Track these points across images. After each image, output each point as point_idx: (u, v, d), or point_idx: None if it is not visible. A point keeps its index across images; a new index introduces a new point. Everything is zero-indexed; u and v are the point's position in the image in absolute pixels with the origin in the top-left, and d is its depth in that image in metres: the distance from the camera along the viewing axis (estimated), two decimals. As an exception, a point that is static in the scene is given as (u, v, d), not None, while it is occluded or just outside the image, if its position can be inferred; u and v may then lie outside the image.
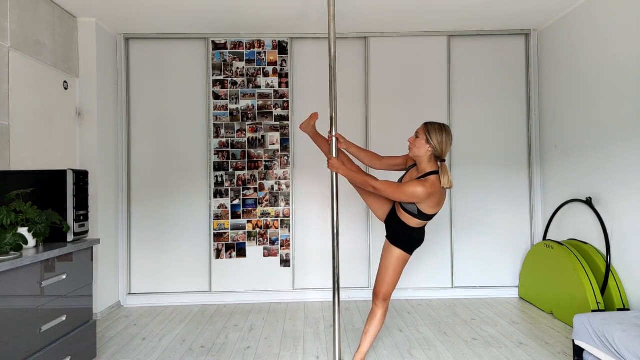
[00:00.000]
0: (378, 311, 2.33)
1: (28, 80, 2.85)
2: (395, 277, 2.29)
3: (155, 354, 2.70)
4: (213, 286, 3.83)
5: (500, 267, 3.92)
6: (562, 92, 3.56)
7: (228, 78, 3.88)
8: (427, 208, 2.15)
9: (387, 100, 3.91)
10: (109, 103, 3.67)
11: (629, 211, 2.84)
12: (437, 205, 2.16)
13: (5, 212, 2.03)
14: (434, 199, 2.13)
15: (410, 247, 2.29)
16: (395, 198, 2.15)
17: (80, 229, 2.42)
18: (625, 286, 2.88)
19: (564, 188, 3.53)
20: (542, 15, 3.58)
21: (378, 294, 2.31)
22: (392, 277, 2.28)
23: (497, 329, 3.04)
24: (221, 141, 3.86)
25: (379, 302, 2.31)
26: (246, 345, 2.82)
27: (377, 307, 2.33)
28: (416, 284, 3.90)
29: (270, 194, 3.87)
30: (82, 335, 2.39)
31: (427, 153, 2.16)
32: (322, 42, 3.91)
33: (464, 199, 3.93)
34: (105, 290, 3.53)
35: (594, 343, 2.19)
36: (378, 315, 2.33)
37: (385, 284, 2.28)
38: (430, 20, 3.64)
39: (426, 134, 2.15)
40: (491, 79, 3.97)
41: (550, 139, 3.73)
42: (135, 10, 3.32)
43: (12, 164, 2.65)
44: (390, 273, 2.28)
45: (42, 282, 2.05)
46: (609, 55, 3.01)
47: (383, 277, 2.29)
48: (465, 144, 3.94)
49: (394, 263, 2.27)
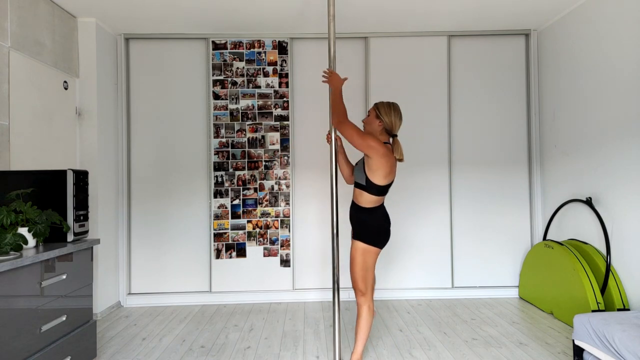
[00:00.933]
0: (360, 308, 2.37)
1: (28, 80, 2.85)
2: (361, 271, 2.32)
3: (155, 354, 2.70)
4: (213, 286, 3.83)
5: (500, 267, 3.92)
6: (562, 92, 3.56)
7: (228, 78, 3.88)
8: (377, 177, 2.25)
9: (386, 100, 3.89)
10: (109, 103, 3.67)
11: (629, 211, 2.84)
12: (387, 174, 2.26)
13: (5, 212, 2.03)
14: (385, 165, 2.23)
15: (372, 238, 2.32)
16: (354, 139, 2.22)
17: (80, 229, 2.42)
18: (625, 286, 2.88)
19: (564, 188, 3.53)
20: (542, 15, 3.58)
21: (355, 290, 2.37)
22: (358, 272, 2.32)
23: (497, 329, 3.04)
24: (221, 141, 3.86)
25: (358, 298, 2.37)
26: (246, 345, 2.82)
27: (358, 304, 2.38)
28: (416, 284, 3.90)
29: (270, 194, 3.87)
30: (82, 335, 2.39)
31: (379, 128, 2.35)
32: (322, 42, 3.91)
33: (464, 198, 3.93)
34: (105, 290, 3.53)
35: (594, 343, 2.19)
36: (362, 313, 2.36)
37: (356, 279, 2.34)
38: (430, 20, 3.64)
39: (376, 110, 2.37)
40: (491, 79, 3.97)
41: (550, 139, 3.73)
42: (135, 10, 3.32)
43: (12, 164, 2.65)
44: (356, 269, 2.32)
45: (42, 282, 2.05)
46: (609, 55, 3.01)
47: (352, 272, 2.35)
48: (465, 143, 3.94)
49: (358, 257, 2.32)
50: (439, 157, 3.92)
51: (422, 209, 3.91)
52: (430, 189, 3.91)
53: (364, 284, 2.34)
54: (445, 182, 3.91)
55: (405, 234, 3.90)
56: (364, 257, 2.33)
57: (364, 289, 2.34)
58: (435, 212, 3.91)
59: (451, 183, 3.93)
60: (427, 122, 3.92)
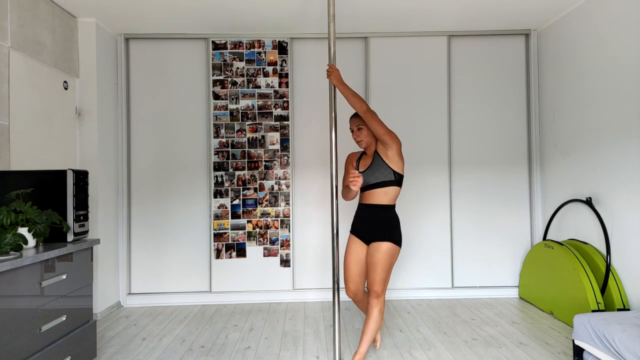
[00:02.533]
0: (372, 309, 2.34)
1: (28, 80, 2.85)
2: (385, 273, 2.33)
3: (155, 354, 2.70)
4: (213, 286, 3.83)
5: (500, 267, 3.92)
6: (562, 92, 3.56)
7: (228, 78, 3.88)
8: (401, 167, 2.39)
9: (387, 100, 3.91)
10: (108, 103, 3.67)
11: (629, 211, 2.84)
12: (403, 163, 2.42)
13: (5, 212, 2.03)
14: (402, 154, 2.40)
15: (400, 237, 2.39)
16: (381, 127, 2.31)
17: (80, 229, 2.42)
18: (625, 286, 2.88)
19: (564, 188, 3.53)
20: (542, 15, 3.58)
21: (370, 292, 2.35)
22: (382, 274, 2.32)
23: (497, 329, 3.04)
24: (221, 141, 3.86)
25: (371, 300, 2.34)
26: (246, 345, 2.82)
27: (371, 305, 2.35)
28: (416, 284, 3.90)
29: (270, 194, 3.87)
30: (82, 335, 2.39)
31: (373, 136, 2.47)
32: (322, 42, 3.91)
33: (464, 198, 3.93)
34: (105, 290, 3.53)
35: (594, 343, 2.19)
36: (373, 314, 2.34)
37: (376, 281, 2.31)
38: (430, 20, 3.64)
39: (361, 122, 2.46)
40: (491, 79, 3.97)
41: (550, 139, 3.73)
42: (135, 10, 3.32)
43: (12, 164, 2.65)
44: (381, 271, 2.31)
45: (42, 282, 2.05)
46: (609, 55, 3.01)
47: (374, 275, 2.32)
48: (465, 143, 3.94)
49: (386, 259, 2.32)
50: (439, 157, 3.92)
51: (422, 209, 3.91)
52: (430, 189, 3.91)
53: (383, 287, 2.32)
54: (445, 181, 3.91)
55: (405, 234, 3.88)
56: (392, 259, 2.32)
57: (381, 291, 2.32)
58: (435, 212, 3.91)
59: (451, 183, 3.93)
60: (427, 122, 3.92)
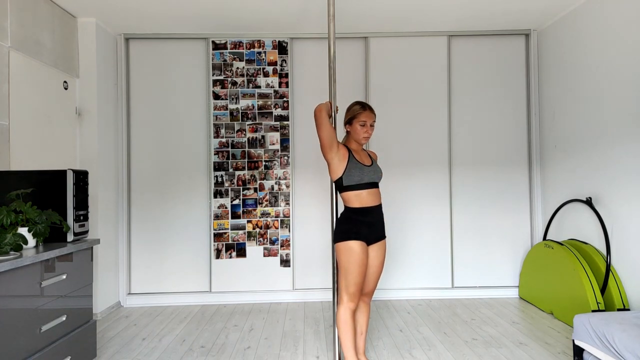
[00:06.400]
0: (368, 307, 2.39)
1: (28, 80, 2.84)
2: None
3: (155, 354, 2.70)
4: (213, 286, 3.83)
5: (500, 267, 3.92)
6: (562, 92, 3.56)
7: (228, 78, 3.88)
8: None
9: (387, 100, 3.91)
10: (108, 103, 3.67)
11: (629, 211, 2.84)
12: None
13: (5, 212, 2.02)
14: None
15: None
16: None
17: (80, 229, 2.42)
18: (625, 286, 2.88)
19: (564, 188, 3.53)
20: (542, 15, 3.58)
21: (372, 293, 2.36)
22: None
23: (497, 329, 3.04)
24: (221, 141, 3.86)
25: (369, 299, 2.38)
26: (246, 345, 2.82)
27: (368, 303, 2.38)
28: (416, 284, 3.90)
29: (270, 194, 3.87)
30: (82, 335, 2.39)
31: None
32: (322, 42, 3.91)
33: (464, 198, 3.93)
34: (105, 290, 3.53)
35: (594, 343, 2.19)
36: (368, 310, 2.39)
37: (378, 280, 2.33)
38: (430, 20, 3.64)
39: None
40: (491, 79, 3.97)
41: (550, 138, 3.73)
42: (135, 10, 3.32)
43: (12, 164, 2.65)
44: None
45: (42, 282, 2.05)
46: (609, 55, 3.01)
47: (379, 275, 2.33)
48: (465, 143, 3.94)
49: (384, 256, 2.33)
50: (439, 157, 3.91)
51: (422, 209, 3.91)
52: (430, 189, 3.91)
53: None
54: (445, 181, 3.91)
55: (405, 234, 3.90)
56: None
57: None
58: (435, 212, 3.91)
59: (451, 182, 3.93)
60: (427, 122, 3.92)
